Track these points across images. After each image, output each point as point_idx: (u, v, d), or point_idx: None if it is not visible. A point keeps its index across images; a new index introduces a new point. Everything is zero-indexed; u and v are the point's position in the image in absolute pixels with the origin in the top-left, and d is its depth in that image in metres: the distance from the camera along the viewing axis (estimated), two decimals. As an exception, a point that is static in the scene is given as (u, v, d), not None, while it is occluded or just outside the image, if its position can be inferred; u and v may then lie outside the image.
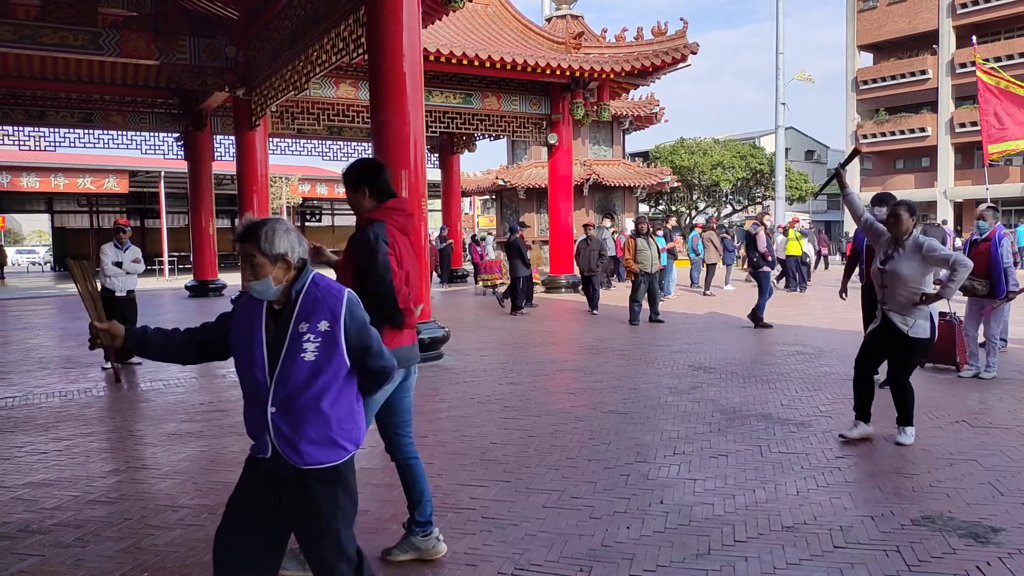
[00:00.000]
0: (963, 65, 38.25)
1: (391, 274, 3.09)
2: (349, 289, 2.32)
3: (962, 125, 38.82)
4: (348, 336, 2.26)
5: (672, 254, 16.65)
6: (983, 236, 7.17)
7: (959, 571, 3.07)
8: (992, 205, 7.81)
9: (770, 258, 11.31)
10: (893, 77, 41.72)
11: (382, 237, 3.08)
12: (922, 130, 41.03)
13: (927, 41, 40.73)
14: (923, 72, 40.42)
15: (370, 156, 3.48)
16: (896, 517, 3.64)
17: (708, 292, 16.35)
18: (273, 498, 2.30)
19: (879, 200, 6.44)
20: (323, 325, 2.23)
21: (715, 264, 17.05)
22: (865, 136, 43.33)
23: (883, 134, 42.64)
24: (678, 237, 18.03)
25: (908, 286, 4.80)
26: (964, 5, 38.26)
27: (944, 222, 30.09)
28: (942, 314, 7.54)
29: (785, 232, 17.95)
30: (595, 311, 12.90)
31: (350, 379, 2.32)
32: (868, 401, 5.01)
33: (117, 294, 8.41)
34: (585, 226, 14.25)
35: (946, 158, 40.22)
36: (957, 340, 7.23)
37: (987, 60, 16.38)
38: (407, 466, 3.30)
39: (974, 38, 17.43)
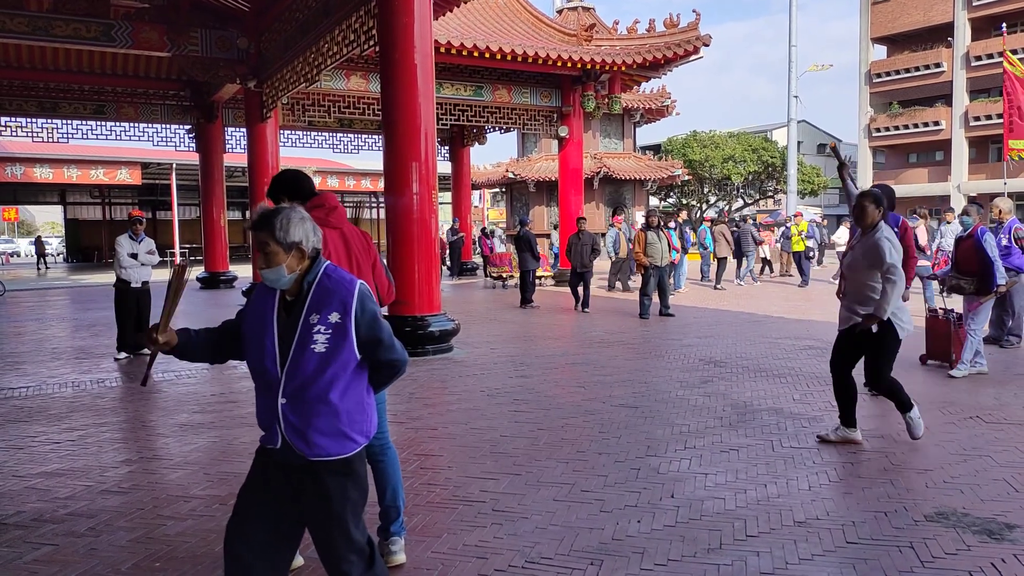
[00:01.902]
0: (978, 58, 37.88)
1: None
2: (361, 281, 2.32)
3: (976, 119, 38.46)
4: (359, 329, 2.25)
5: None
6: (967, 232, 6.98)
7: (973, 568, 3.04)
8: (977, 202, 7.70)
9: (928, 252, 10.07)
10: (907, 70, 41.35)
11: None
12: (936, 123, 40.67)
13: (942, 33, 40.34)
14: (938, 65, 40.04)
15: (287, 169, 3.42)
16: (909, 513, 3.61)
17: (719, 286, 16.29)
18: (284, 489, 2.30)
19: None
20: (334, 317, 2.23)
21: (726, 258, 16.97)
22: (878, 130, 43.01)
23: (896, 127, 42.29)
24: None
25: (862, 280, 4.62)
26: (980, -3, 37.85)
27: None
28: (931, 311, 7.42)
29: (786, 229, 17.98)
30: (587, 309, 12.37)
31: (359, 371, 2.32)
32: (850, 404, 4.76)
33: (132, 285, 8.46)
34: (578, 220, 13.36)
35: (960, 152, 39.87)
36: (953, 337, 7.08)
37: (1014, 52, 16.18)
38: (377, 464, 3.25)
39: (1004, 26, 17.19)
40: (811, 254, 17.06)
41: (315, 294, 2.25)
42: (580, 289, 12.59)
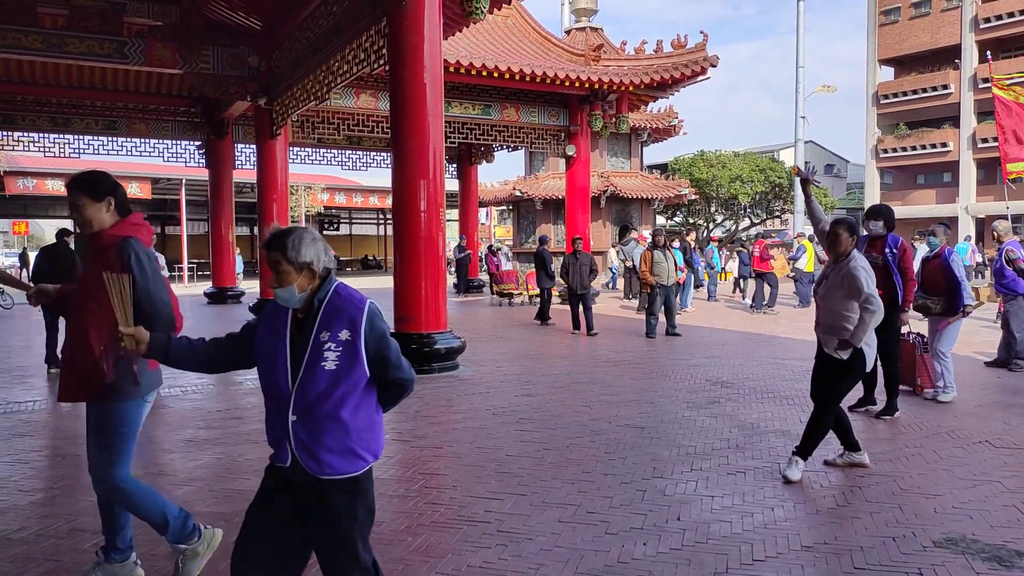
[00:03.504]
0: (985, 80, 37.83)
1: (170, 295, 3.00)
2: (371, 299, 2.33)
3: (984, 140, 38.47)
4: (367, 346, 2.27)
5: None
6: (933, 253, 6.92)
7: (983, 596, 3.01)
8: (944, 223, 7.68)
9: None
10: (915, 91, 41.47)
11: (150, 255, 2.96)
12: (944, 145, 40.71)
13: (949, 55, 40.47)
14: (945, 87, 40.15)
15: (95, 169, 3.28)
16: (917, 538, 3.58)
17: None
18: (291, 508, 2.30)
19: (873, 213, 6.27)
20: (344, 334, 2.24)
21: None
22: (886, 151, 43.06)
23: (904, 148, 42.34)
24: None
25: (836, 309, 4.52)
26: (987, 20, 38.02)
27: (967, 238, 29.76)
28: (901, 334, 7.33)
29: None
30: (592, 331, 11.80)
31: (370, 389, 2.33)
32: (846, 430, 4.73)
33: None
34: (574, 239, 12.69)
35: (968, 173, 39.85)
36: (918, 362, 6.97)
37: (1010, 75, 16.26)
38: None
39: (988, 55, 17.43)
40: (791, 275, 16.82)
41: (325, 311, 2.27)
42: (581, 311, 12.07)
